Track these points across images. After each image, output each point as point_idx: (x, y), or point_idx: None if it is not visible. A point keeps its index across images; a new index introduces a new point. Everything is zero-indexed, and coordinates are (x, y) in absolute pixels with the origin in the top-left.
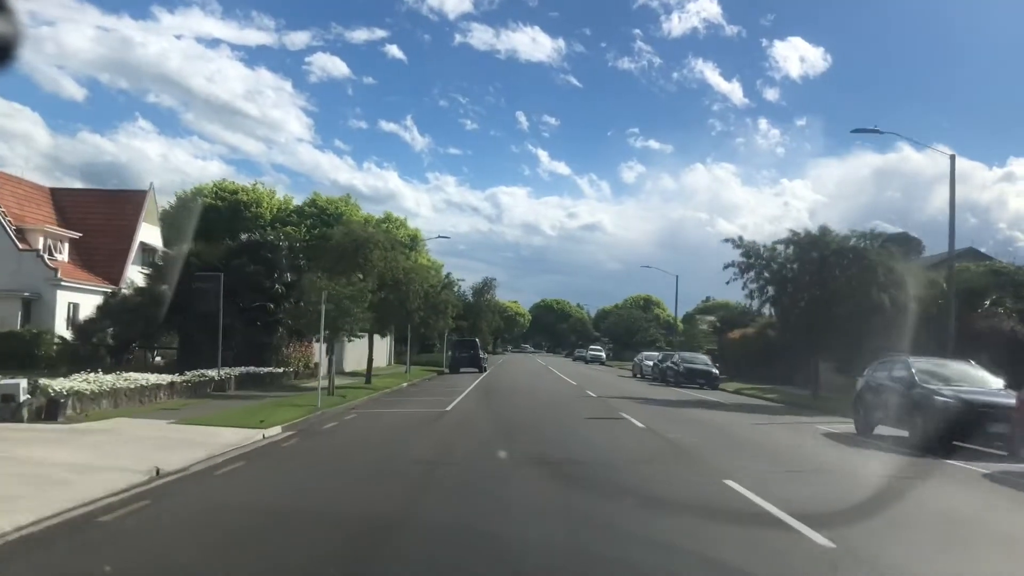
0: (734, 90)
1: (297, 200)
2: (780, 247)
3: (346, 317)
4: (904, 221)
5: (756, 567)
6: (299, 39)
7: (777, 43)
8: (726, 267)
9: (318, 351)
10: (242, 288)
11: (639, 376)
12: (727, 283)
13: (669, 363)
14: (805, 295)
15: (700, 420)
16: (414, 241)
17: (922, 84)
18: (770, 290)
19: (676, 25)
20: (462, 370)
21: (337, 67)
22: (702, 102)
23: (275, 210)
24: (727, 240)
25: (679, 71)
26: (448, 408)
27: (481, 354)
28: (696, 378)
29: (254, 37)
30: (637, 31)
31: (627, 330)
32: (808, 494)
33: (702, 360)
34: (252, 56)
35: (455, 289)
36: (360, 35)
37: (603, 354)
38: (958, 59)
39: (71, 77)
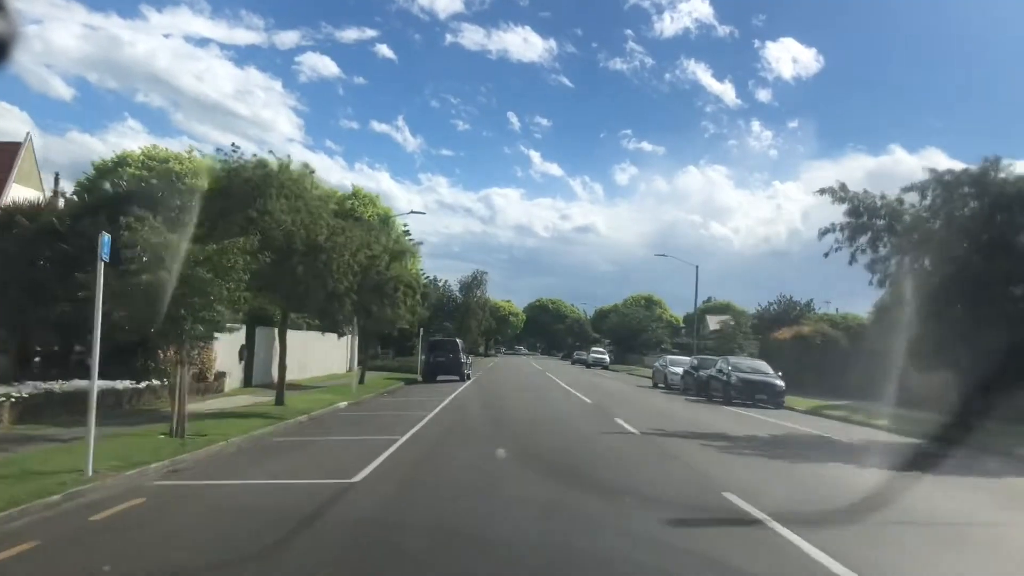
0: (726, 91)
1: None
2: (911, 196)
3: (200, 297)
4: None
5: None
6: (288, 38)
7: (769, 44)
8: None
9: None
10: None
11: (664, 387)
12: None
13: (714, 372)
14: (955, 267)
15: (901, 515)
16: (386, 222)
17: (914, 85)
18: (895, 263)
19: (668, 25)
20: (439, 378)
21: (327, 67)
22: (695, 103)
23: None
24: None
25: (671, 72)
26: (363, 474)
27: (463, 357)
28: (755, 393)
29: (243, 36)
30: (629, 31)
31: (630, 331)
32: None
33: (761, 368)
34: (241, 55)
35: (410, 261)
36: (350, 35)
37: (607, 357)
38: (950, 61)
39: (59, 76)
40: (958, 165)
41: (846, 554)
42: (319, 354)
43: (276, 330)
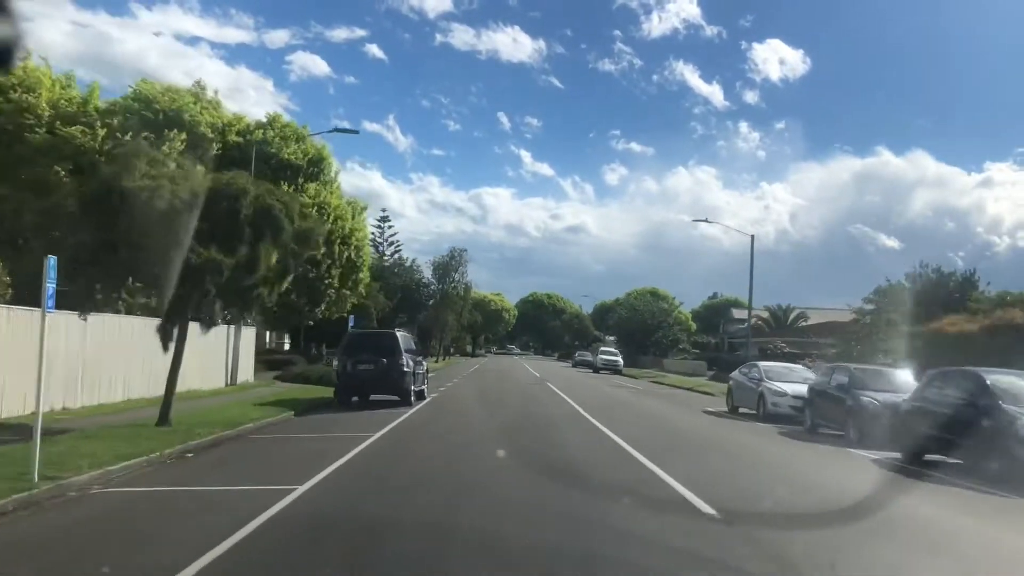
0: (714, 92)
1: (112, 93)
2: None
3: None
4: (884, 225)
5: None
6: (279, 37)
7: (756, 45)
8: None
9: None
10: None
11: (753, 413)
12: None
13: (947, 403)
14: None
15: None
16: (318, 164)
17: (901, 88)
18: None
19: (656, 26)
20: (372, 398)
21: (318, 66)
22: (683, 104)
23: (68, 102)
24: None
25: (659, 73)
26: None
27: (407, 363)
28: None
29: (233, 35)
30: (617, 32)
31: (643, 327)
32: None
33: None
34: (232, 54)
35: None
36: (340, 34)
37: (620, 360)
38: (937, 63)
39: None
40: (944, 170)
41: None
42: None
43: None
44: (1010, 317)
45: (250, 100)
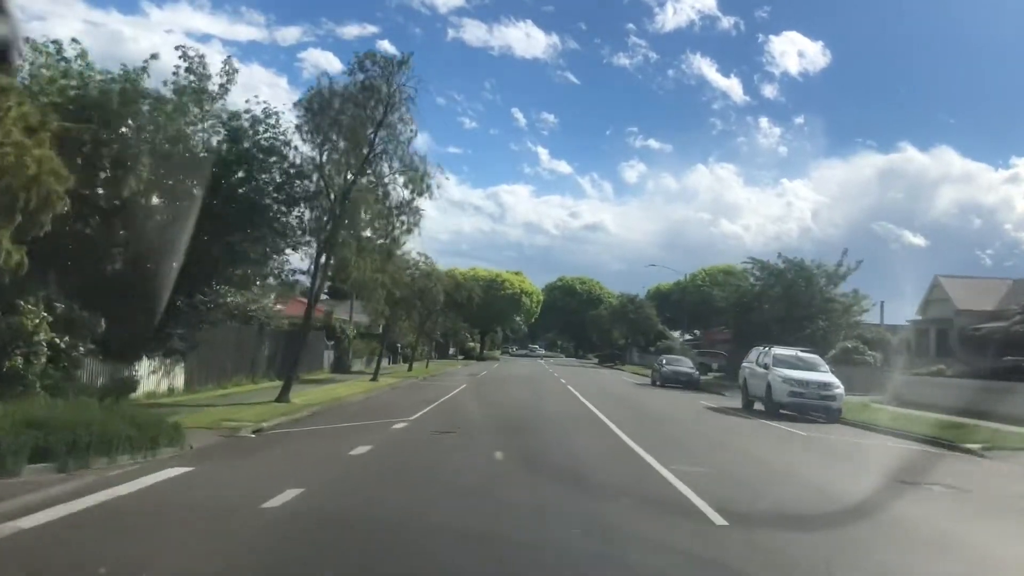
0: (732, 87)
1: None
2: None
3: None
4: (909, 222)
5: None
6: (290, 34)
7: (773, 38)
8: None
9: None
10: None
11: None
12: None
13: None
14: None
15: None
16: None
17: (924, 82)
18: None
19: (670, 17)
20: None
21: (331, 63)
22: (701, 100)
23: None
24: None
25: (675, 68)
26: None
27: None
28: None
29: (245, 32)
30: (631, 25)
31: (786, 306)
32: None
33: None
34: (244, 51)
35: None
36: (351, 30)
37: (840, 386)
38: (961, 56)
39: None
40: (971, 166)
41: None
42: None
43: None
44: None
45: (265, 98)
